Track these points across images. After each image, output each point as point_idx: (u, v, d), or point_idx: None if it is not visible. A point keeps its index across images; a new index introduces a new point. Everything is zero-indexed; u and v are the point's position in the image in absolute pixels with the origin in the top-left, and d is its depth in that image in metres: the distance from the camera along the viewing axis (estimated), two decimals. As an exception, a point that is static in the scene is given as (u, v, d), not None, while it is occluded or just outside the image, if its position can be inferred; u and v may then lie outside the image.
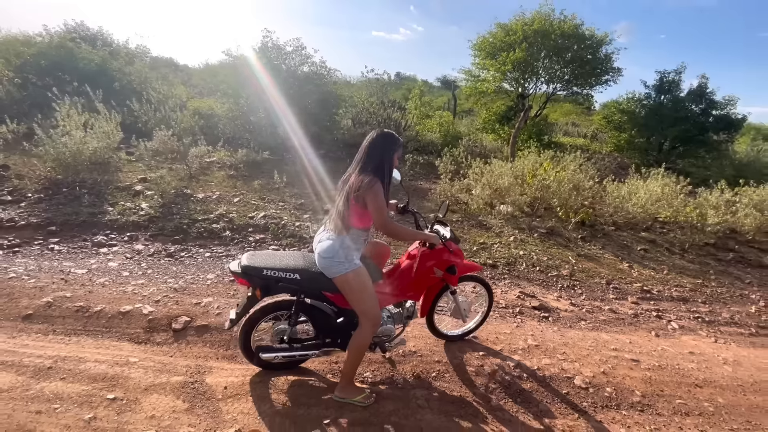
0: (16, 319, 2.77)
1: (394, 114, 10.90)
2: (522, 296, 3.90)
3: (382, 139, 2.14)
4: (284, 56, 9.76)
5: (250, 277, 2.19)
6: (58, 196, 5.32)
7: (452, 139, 10.88)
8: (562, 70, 11.75)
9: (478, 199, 6.55)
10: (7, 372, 2.19)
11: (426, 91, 32.09)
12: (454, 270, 2.53)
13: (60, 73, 9.51)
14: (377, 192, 2.02)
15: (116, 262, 3.83)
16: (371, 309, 2.19)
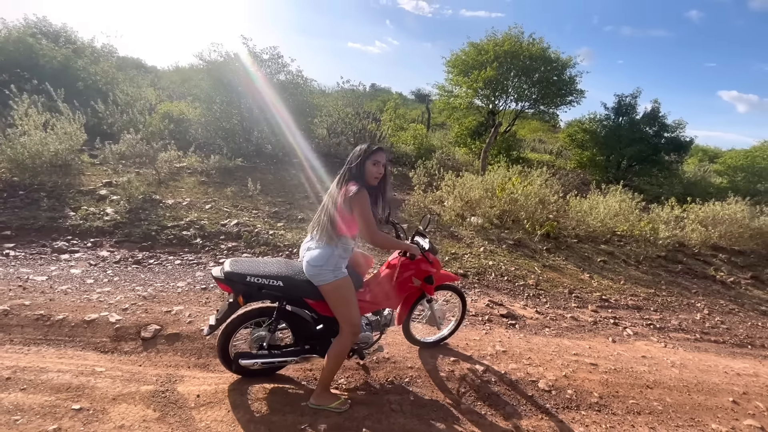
0: (-32, 328, 2.62)
1: (369, 125, 11.07)
2: (491, 304, 4.06)
3: (358, 149, 2.23)
4: (260, 63, 9.73)
5: (233, 283, 2.19)
6: (13, 199, 5.03)
7: (426, 151, 11.16)
8: (530, 90, 12.38)
9: (450, 210, 6.76)
10: (-39, 383, 2.07)
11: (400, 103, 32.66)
12: (431, 280, 2.64)
13: (18, 70, 9.04)
14: (362, 200, 2.10)
15: (79, 269, 3.68)
16: (353, 317, 2.25)
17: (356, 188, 2.09)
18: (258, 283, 2.19)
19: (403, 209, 6.99)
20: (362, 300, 2.50)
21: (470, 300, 4.11)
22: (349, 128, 10.87)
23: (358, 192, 2.09)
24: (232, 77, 9.13)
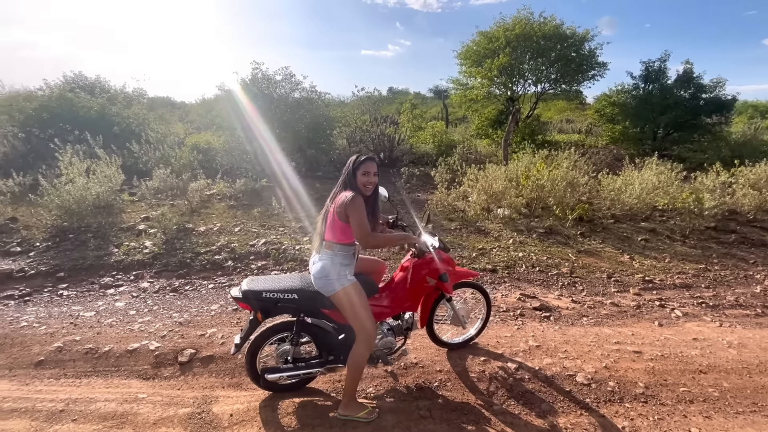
0: (28, 366, 2.86)
1: (387, 129, 11.11)
2: (522, 298, 3.93)
3: (349, 161, 2.27)
4: (274, 85, 10.05)
5: (250, 300, 2.28)
6: (65, 243, 5.47)
7: (446, 148, 11.02)
8: (548, 70, 11.94)
9: (475, 205, 6.62)
10: (21, 418, 2.27)
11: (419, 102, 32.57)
12: (445, 278, 2.59)
13: (61, 124, 9.84)
14: (357, 206, 2.13)
15: (123, 302, 3.93)
16: (366, 323, 2.26)
17: (351, 194, 2.14)
18: (273, 298, 2.26)
19: (426, 209, 6.93)
20: (379, 305, 2.50)
21: (500, 295, 3.99)
22: (367, 135, 10.96)
23: (353, 198, 2.14)
24: (250, 102, 9.49)
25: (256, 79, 9.78)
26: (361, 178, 2.23)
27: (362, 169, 2.24)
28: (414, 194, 8.41)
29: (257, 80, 9.77)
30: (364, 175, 2.24)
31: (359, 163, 2.24)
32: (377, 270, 2.72)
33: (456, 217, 6.54)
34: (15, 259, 5.04)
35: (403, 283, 2.58)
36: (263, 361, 2.53)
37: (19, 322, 3.45)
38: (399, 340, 2.69)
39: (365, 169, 2.24)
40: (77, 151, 7.85)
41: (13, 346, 3.09)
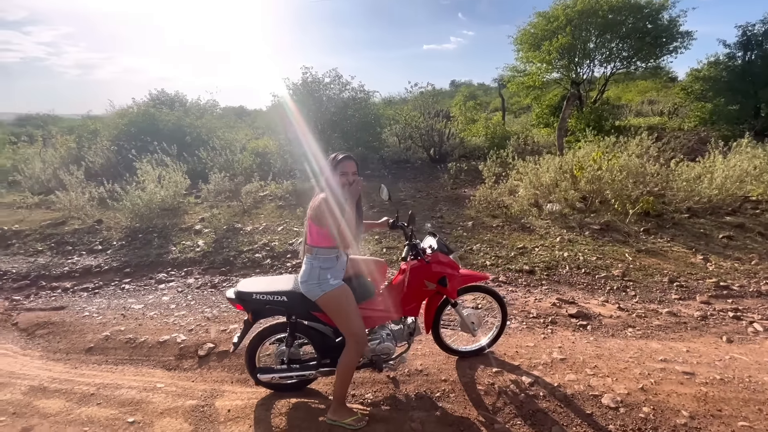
0: (80, 351, 3.26)
1: (438, 124, 10.81)
2: (558, 303, 3.53)
3: (327, 161, 2.22)
4: (323, 87, 10.34)
5: (242, 301, 2.33)
6: (135, 242, 6.18)
7: (500, 140, 10.41)
8: (618, 47, 10.65)
9: (522, 200, 6.14)
10: (59, 398, 2.58)
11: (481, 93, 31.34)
12: (444, 282, 2.41)
13: (142, 136, 11.15)
14: (327, 209, 2.10)
15: (168, 296, 4.31)
16: (354, 328, 2.20)
17: (320, 197, 2.11)
18: (263, 300, 2.29)
19: (468, 206, 6.60)
20: (375, 309, 2.41)
21: (533, 299, 3.64)
22: (416, 131, 10.78)
23: (320, 201, 2.12)
24: (300, 105, 9.88)
25: (306, 83, 10.15)
26: (340, 178, 2.17)
27: (340, 169, 2.19)
28: (460, 190, 8.08)
29: (307, 84, 10.12)
30: (343, 176, 2.18)
31: (336, 163, 2.19)
32: (376, 271, 2.63)
33: (500, 213, 6.14)
34: (96, 256, 5.80)
35: (400, 287, 2.45)
36: (263, 359, 2.57)
37: (84, 312, 3.95)
38: (401, 346, 2.57)
39: (343, 169, 2.19)
40: (151, 160, 8.85)
41: (73, 332, 3.54)
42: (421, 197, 7.62)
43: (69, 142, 12.94)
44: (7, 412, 2.44)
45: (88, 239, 6.36)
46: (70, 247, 6.16)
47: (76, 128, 14.82)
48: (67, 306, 4.15)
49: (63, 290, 4.73)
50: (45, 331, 3.64)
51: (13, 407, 2.49)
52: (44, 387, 2.71)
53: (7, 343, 3.47)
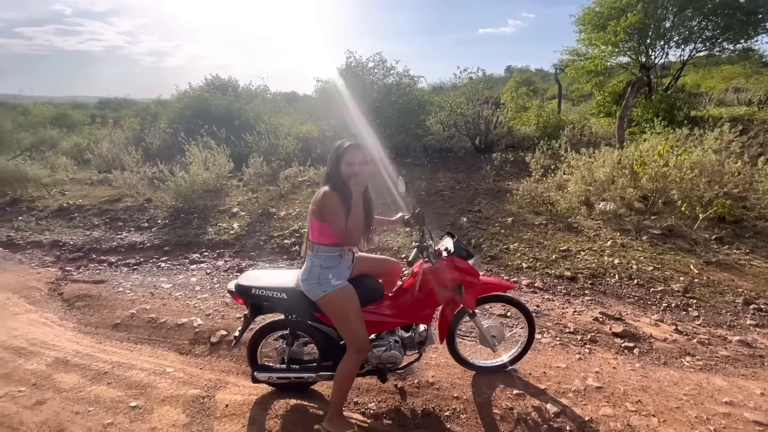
0: (108, 327, 3.38)
1: (485, 112, 10.20)
2: (602, 318, 3.10)
3: (331, 150, 2.00)
4: (367, 72, 10.10)
5: (242, 295, 2.22)
6: (177, 222, 6.44)
7: (553, 129, 9.60)
8: (700, 26, 9.30)
9: (571, 196, 5.56)
10: (75, 373, 2.66)
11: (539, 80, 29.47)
12: (459, 290, 2.13)
13: (194, 119, 11.65)
14: (328, 201, 1.90)
15: (196, 278, 4.40)
16: (355, 334, 2.01)
17: (323, 190, 1.93)
18: (263, 296, 2.16)
19: (509, 200, 6.11)
20: (382, 314, 2.20)
21: (571, 311, 3.23)
22: (461, 119, 10.25)
23: (323, 195, 1.92)
24: (342, 90, 9.75)
25: (349, 68, 9.97)
26: (345, 169, 1.95)
27: (345, 158, 1.96)
28: (503, 183, 7.55)
29: (350, 68, 9.94)
30: (348, 166, 1.95)
31: (342, 152, 1.97)
32: (389, 271, 2.40)
33: (544, 210, 5.62)
34: (141, 233, 6.11)
35: (410, 292, 2.21)
36: (267, 354, 2.47)
37: (119, 288, 4.13)
38: (411, 355, 2.34)
39: (349, 158, 1.96)
40: (199, 143, 9.20)
41: (105, 307, 3.70)
42: (461, 189, 7.22)
43: (134, 125, 13.91)
44: (28, 383, 2.55)
45: (137, 216, 6.73)
46: (121, 223, 6.55)
47: (140, 111, 15.90)
48: (107, 280, 4.37)
49: (108, 264, 5.01)
50: (82, 304, 3.83)
51: (35, 378, 2.61)
52: (67, 360, 2.82)
53: (49, 312, 3.70)
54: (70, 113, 21.27)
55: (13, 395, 2.42)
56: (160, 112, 14.89)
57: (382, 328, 2.25)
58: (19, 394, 2.43)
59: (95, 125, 18.95)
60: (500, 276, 3.95)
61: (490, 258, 4.31)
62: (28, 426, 2.17)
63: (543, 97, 18.81)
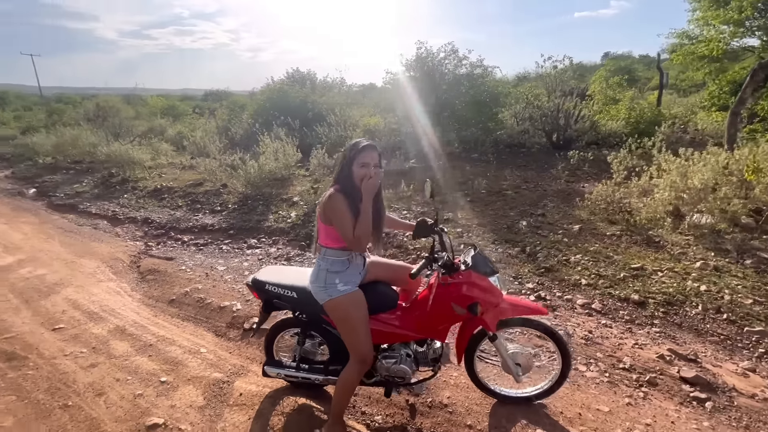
0: (165, 302, 3.73)
1: (565, 104, 9.25)
2: (669, 356, 2.59)
3: (345, 149, 1.89)
4: (438, 63, 9.77)
5: (257, 290, 2.26)
6: (244, 207, 6.92)
7: (648, 125, 8.35)
8: None
9: (656, 204, 4.77)
10: (127, 342, 2.97)
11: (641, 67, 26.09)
12: (475, 309, 1.91)
13: (273, 111, 12.40)
14: (335, 204, 1.81)
15: (249, 263, 4.66)
16: (358, 344, 1.93)
17: (330, 191, 1.85)
18: (275, 293, 2.17)
19: (581, 205, 5.45)
20: (391, 324, 2.07)
21: (631, 343, 2.75)
22: (537, 112, 9.43)
23: (330, 196, 1.83)
24: (411, 83, 9.57)
25: (419, 58, 9.73)
26: (358, 171, 1.84)
27: (360, 159, 1.85)
28: (577, 184, 6.78)
29: (420, 59, 9.70)
30: (362, 167, 1.84)
31: (356, 152, 1.86)
32: (406, 280, 2.25)
33: (620, 219, 4.91)
34: (214, 216, 6.69)
35: (424, 305, 2.04)
36: (283, 349, 2.50)
37: (182, 266, 4.55)
38: (424, 371, 2.18)
39: (363, 159, 1.84)
40: (272, 133, 9.78)
41: (167, 283, 4.10)
42: (526, 189, 6.66)
43: (224, 116, 15.29)
44: (89, 346, 2.91)
45: (212, 200, 7.37)
46: (199, 205, 7.24)
47: (230, 103, 17.42)
48: (175, 258, 4.84)
49: (181, 243, 5.56)
50: (152, 278, 4.29)
51: (96, 342, 2.97)
52: (124, 329, 3.17)
53: (125, 282, 4.21)
54: (177, 104, 24.18)
55: (75, 355, 2.78)
56: (246, 103, 16.17)
57: (393, 340, 2.12)
58: (81, 355, 2.79)
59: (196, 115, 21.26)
60: (552, 292, 3.53)
61: (543, 270, 3.88)
62: (78, 385, 2.47)
63: (644, 87, 16.54)
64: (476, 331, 2.10)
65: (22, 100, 38.01)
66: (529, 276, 3.83)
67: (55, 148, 12.04)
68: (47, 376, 2.56)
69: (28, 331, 3.11)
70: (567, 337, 2.81)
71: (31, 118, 20.69)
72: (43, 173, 10.79)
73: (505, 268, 3.99)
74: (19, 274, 4.30)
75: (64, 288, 3.94)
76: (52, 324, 3.22)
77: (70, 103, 26.16)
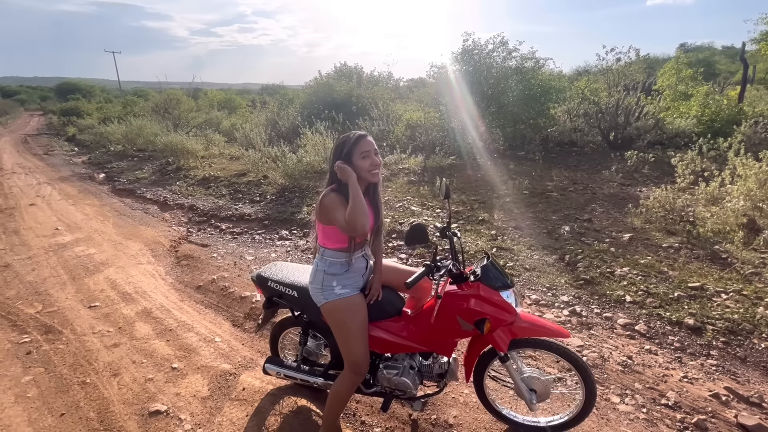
0: (193, 287, 3.86)
1: (625, 99, 8.42)
2: (726, 397, 2.20)
3: (337, 145, 1.76)
4: (485, 55, 9.32)
5: (261, 286, 2.22)
6: (281, 198, 7.06)
7: (725, 124, 7.36)
8: None
9: (727, 214, 4.15)
10: (150, 324, 3.08)
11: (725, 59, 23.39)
12: (482, 326, 1.71)
13: (318, 104, 12.56)
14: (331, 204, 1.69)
15: (277, 254, 4.71)
16: (352, 351, 1.82)
17: (324, 192, 1.73)
18: (276, 289, 2.12)
19: (634, 211, 4.90)
20: (394, 332, 1.93)
21: (679, 375, 2.38)
22: (593, 108, 8.68)
23: (324, 195, 1.72)
24: (455, 76, 9.22)
25: (465, 51, 9.34)
26: (361, 162, 1.71)
27: (359, 151, 1.72)
28: (634, 188, 6.13)
29: (467, 51, 9.30)
30: (365, 158, 1.71)
31: (352, 145, 1.72)
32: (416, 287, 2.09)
33: (680, 229, 4.34)
34: (252, 206, 6.89)
35: (428, 316, 1.87)
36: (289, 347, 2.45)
37: (214, 253, 4.70)
38: (428, 386, 2.02)
39: (363, 149, 1.72)
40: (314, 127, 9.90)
41: (198, 269, 4.24)
42: (574, 191, 6.14)
43: (274, 109, 15.80)
44: (116, 325, 3.06)
45: (253, 191, 7.60)
46: (240, 195, 7.50)
47: (279, 97, 17.97)
48: (210, 245, 5.01)
49: (219, 230, 5.77)
50: (186, 263, 4.47)
51: (123, 322, 3.11)
52: (150, 311, 3.30)
53: (161, 266, 4.41)
54: (234, 98, 25.40)
55: (102, 334, 2.93)
56: (294, 97, 16.59)
57: (395, 350, 1.97)
58: (107, 334, 2.94)
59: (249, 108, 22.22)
60: (590, 308, 3.17)
61: (583, 282, 3.52)
62: (98, 363, 2.59)
63: (725, 82, 14.71)
64: (487, 349, 1.90)
65: (106, 93, 42.23)
66: (565, 288, 3.49)
67: (124, 136, 13.12)
68: (74, 351, 2.72)
69: (68, 306, 3.34)
70: (591, 364, 2.49)
71: (110, 109, 22.80)
72: (113, 160, 11.81)
73: (538, 277, 3.67)
74: (74, 252, 4.68)
75: (107, 268, 4.21)
76: (90, 301, 3.44)
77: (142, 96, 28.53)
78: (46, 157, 12.80)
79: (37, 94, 52.82)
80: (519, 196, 6.07)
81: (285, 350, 2.46)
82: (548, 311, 3.17)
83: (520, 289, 3.53)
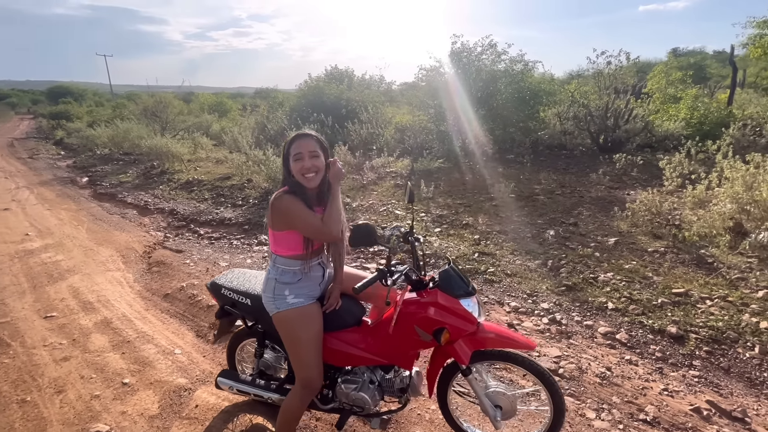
0: (160, 296, 3.69)
1: (615, 102, 8.37)
2: (708, 411, 2.07)
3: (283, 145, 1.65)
4: (474, 58, 9.25)
5: (215, 294, 2.08)
6: (263, 203, 6.89)
7: (713, 127, 7.31)
8: None
9: (713, 217, 4.06)
10: (107, 336, 2.91)
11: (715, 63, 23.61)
12: (439, 336, 1.57)
13: (308, 108, 12.44)
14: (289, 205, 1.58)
15: (251, 260, 4.55)
16: (303, 365, 1.69)
17: (275, 194, 1.62)
18: (230, 298, 1.97)
19: (621, 215, 4.79)
20: (353, 344, 1.79)
21: (660, 387, 2.24)
22: (583, 111, 8.62)
23: (277, 198, 1.60)
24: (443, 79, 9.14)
25: (453, 53, 9.26)
26: (293, 165, 1.59)
27: (293, 152, 1.60)
28: (621, 191, 6.04)
29: (454, 54, 9.23)
30: (297, 161, 1.58)
31: (288, 145, 1.63)
32: (380, 295, 1.95)
33: (666, 233, 4.24)
34: (234, 210, 6.72)
35: (387, 325, 1.73)
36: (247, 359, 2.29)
37: (187, 259, 4.53)
38: (391, 402, 1.88)
39: (296, 150, 1.60)
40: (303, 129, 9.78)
41: (168, 276, 4.07)
42: (561, 194, 6.04)
43: (264, 112, 15.65)
44: (70, 338, 2.89)
45: (236, 195, 7.44)
46: (223, 199, 7.33)
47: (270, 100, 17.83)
48: (185, 251, 4.84)
49: (197, 235, 5.59)
50: (157, 269, 4.30)
51: (78, 334, 2.94)
52: (110, 322, 3.13)
53: (130, 273, 4.24)
54: (225, 101, 25.22)
55: (53, 347, 2.76)
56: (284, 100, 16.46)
57: (353, 362, 1.83)
58: (58, 347, 2.76)
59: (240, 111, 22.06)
60: (570, 315, 3.04)
61: (564, 288, 3.39)
62: (43, 379, 2.42)
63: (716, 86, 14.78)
64: (450, 361, 1.76)
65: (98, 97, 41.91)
66: (546, 294, 3.36)
67: (110, 140, 12.91)
68: (20, 366, 2.55)
69: (22, 317, 3.17)
70: (568, 376, 2.36)
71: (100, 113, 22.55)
72: (98, 163, 11.60)
73: (519, 283, 3.54)
74: (40, 258, 4.49)
75: (72, 275, 4.03)
76: (47, 311, 3.26)
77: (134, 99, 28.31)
78: (30, 160, 12.56)
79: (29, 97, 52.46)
80: (505, 199, 5.95)
81: (243, 363, 2.30)
82: (527, 319, 3.03)
83: (499, 296, 3.40)
